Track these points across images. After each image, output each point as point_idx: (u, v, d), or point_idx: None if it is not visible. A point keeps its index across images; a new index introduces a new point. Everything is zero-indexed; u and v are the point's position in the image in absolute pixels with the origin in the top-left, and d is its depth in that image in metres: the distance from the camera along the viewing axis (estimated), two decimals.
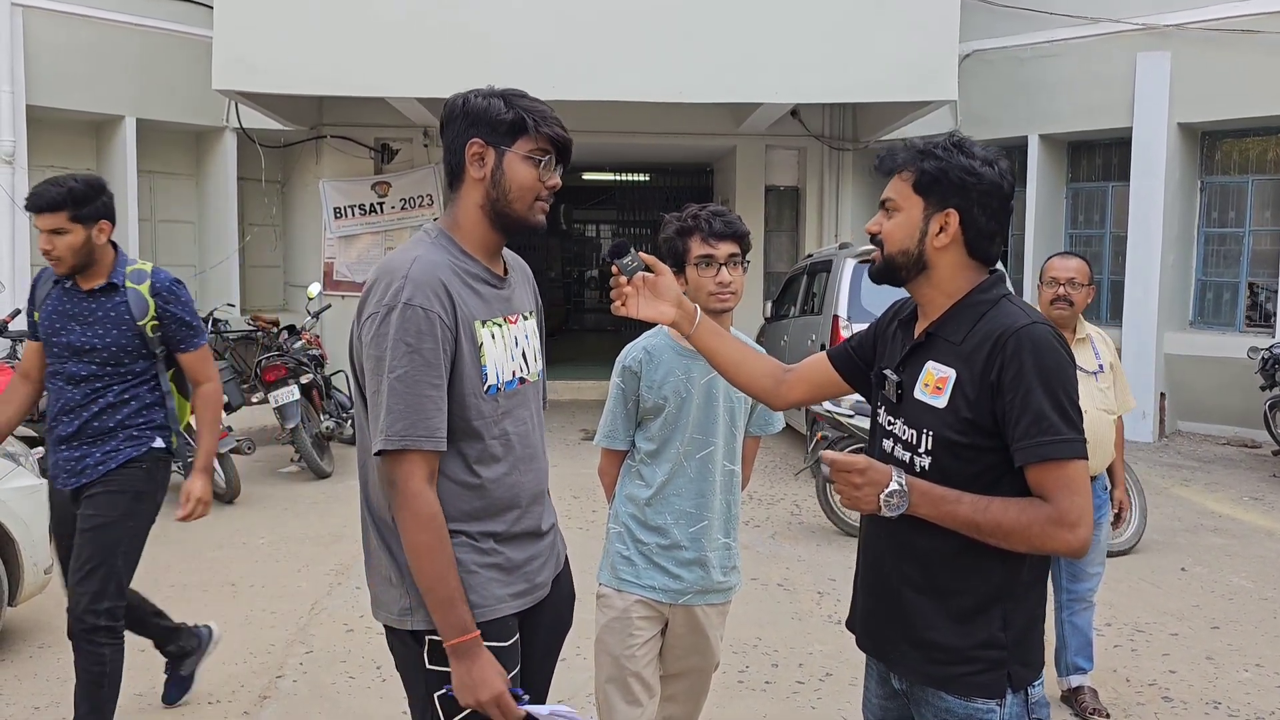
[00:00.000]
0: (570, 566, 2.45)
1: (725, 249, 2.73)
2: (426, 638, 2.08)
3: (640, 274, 2.22)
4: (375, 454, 2.02)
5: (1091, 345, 3.97)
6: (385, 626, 2.17)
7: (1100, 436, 3.85)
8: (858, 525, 2.64)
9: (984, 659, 1.91)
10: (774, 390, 2.31)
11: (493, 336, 2.13)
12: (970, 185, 1.92)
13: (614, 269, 2.22)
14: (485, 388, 2.10)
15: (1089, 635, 4.08)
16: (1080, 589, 4.00)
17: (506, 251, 2.30)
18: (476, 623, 2.06)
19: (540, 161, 2.12)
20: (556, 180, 2.15)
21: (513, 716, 2.05)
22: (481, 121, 2.10)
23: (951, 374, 1.93)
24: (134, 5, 10.56)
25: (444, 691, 2.08)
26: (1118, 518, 4.10)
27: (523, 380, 2.21)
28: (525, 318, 2.26)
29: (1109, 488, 4.05)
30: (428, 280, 2.01)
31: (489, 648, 2.08)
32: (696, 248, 2.73)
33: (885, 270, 2.03)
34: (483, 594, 2.10)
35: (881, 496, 1.88)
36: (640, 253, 2.25)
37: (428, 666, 2.10)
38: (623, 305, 2.23)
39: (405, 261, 2.04)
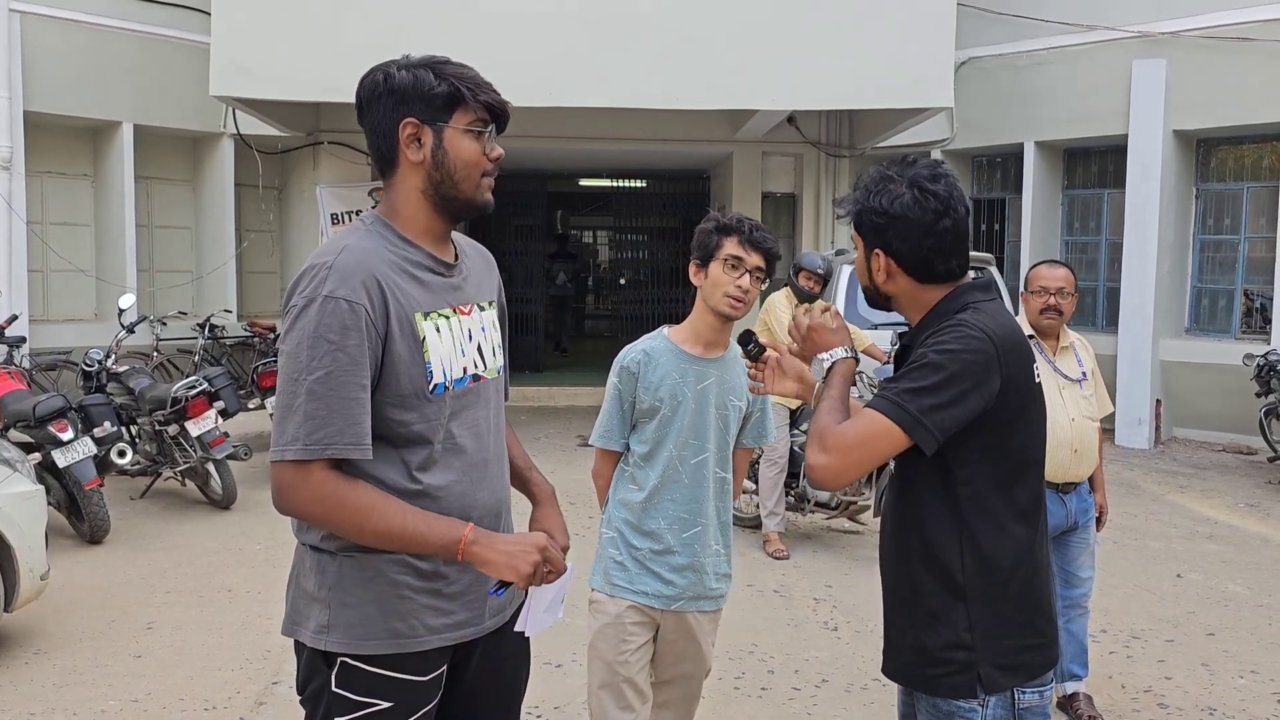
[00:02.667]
0: None
1: (755, 259, 2.76)
2: (339, 659, 1.90)
3: (767, 355, 2.37)
4: (282, 461, 1.79)
5: (1074, 353, 3.98)
6: (296, 643, 1.98)
7: (1086, 443, 3.88)
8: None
9: (952, 660, 1.97)
10: None
11: (438, 330, 1.92)
12: (881, 225, 2.01)
13: (743, 354, 2.44)
14: (431, 387, 1.90)
15: (1084, 641, 4.08)
16: (1074, 594, 4.01)
17: (465, 239, 2.14)
18: (396, 653, 1.90)
19: (481, 134, 1.94)
20: (499, 150, 1.97)
21: (559, 565, 1.93)
22: (412, 98, 1.90)
23: None
24: (131, 11, 10.58)
25: (346, 718, 1.90)
26: (1099, 521, 4.11)
27: (477, 377, 2.01)
28: (482, 308, 2.07)
29: (1093, 492, 4.06)
30: (355, 270, 1.82)
31: (399, 679, 1.91)
32: (730, 247, 2.76)
33: (869, 302, 2.19)
34: (410, 623, 1.91)
35: (819, 356, 2.11)
36: (760, 340, 2.43)
37: (333, 689, 1.91)
38: (761, 385, 2.37)
39: (332, 250, 1.86)
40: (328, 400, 1.78)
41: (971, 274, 2.15)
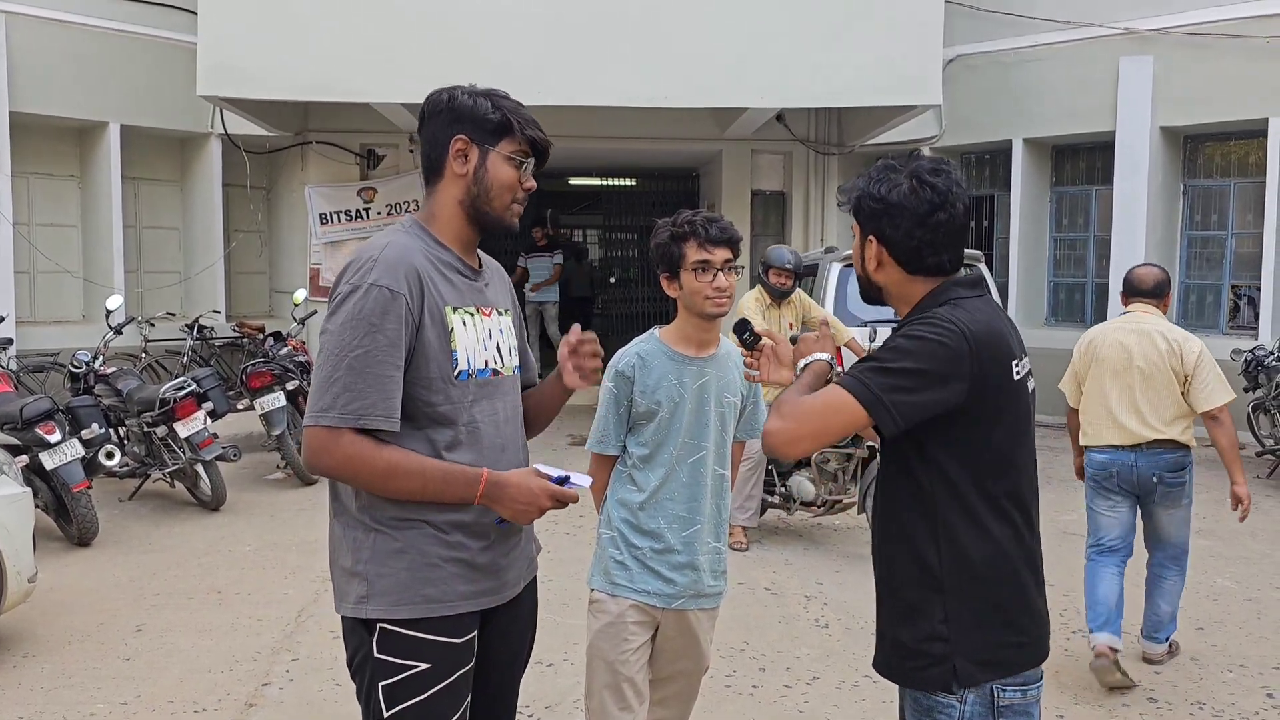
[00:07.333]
0: (539, 572, 2.43)
1: (721, 254, 2.76)
2: (378, 625, 2.10)
3: (762, 344, 2.39)
4: (317, 426, 2.00)
5: None
6: (342, 619, 2.19)
7: None
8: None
9: (928, 653, 1.98)
10: None
11: (464, 323, 2.15)
12: (877, 211, 2.04)
13: (739, 343, 2.46)
14: (456, 373, 2.12)
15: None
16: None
17: (483, 254, 2.32)
18: (433, 617, 2.09)
19: (521, 163, 2.16)
20: (533, 183, 2.20)
21: (570, 498, 2.13)
22: (467, 119, 2.13)
23: None
24: (118, 11, 10.53)
25: (389, 681, 2.09)
26: None
27: (496, 372, 2.22)
28: (500, 313, 2.29)
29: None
30: (398, 262, 2.05)
31: (435, 642, 2.09)
32: (693, 253, 2.76)
33: (863, 293, 2.21)
34: (441, 588, 2.10)
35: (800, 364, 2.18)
36: (756, 328, 2.45)
37: (376, 655, 2.11)
38: (756, 374, 2.39)
39: (378, 245, 2.09)
40: (364, 375, 1.99)
41: (963, 270, 2.15)
